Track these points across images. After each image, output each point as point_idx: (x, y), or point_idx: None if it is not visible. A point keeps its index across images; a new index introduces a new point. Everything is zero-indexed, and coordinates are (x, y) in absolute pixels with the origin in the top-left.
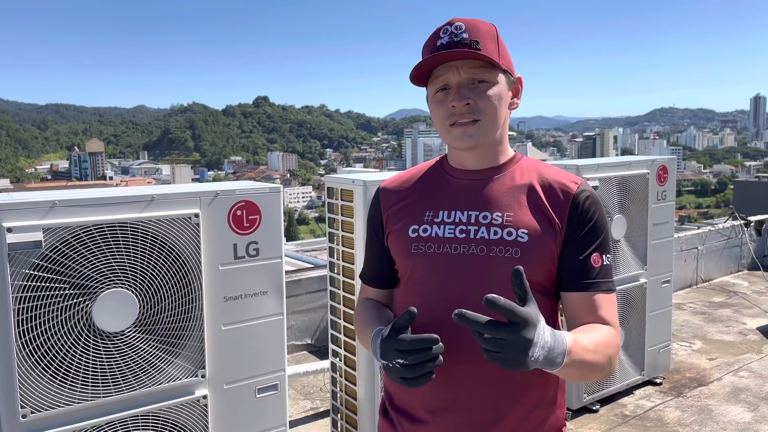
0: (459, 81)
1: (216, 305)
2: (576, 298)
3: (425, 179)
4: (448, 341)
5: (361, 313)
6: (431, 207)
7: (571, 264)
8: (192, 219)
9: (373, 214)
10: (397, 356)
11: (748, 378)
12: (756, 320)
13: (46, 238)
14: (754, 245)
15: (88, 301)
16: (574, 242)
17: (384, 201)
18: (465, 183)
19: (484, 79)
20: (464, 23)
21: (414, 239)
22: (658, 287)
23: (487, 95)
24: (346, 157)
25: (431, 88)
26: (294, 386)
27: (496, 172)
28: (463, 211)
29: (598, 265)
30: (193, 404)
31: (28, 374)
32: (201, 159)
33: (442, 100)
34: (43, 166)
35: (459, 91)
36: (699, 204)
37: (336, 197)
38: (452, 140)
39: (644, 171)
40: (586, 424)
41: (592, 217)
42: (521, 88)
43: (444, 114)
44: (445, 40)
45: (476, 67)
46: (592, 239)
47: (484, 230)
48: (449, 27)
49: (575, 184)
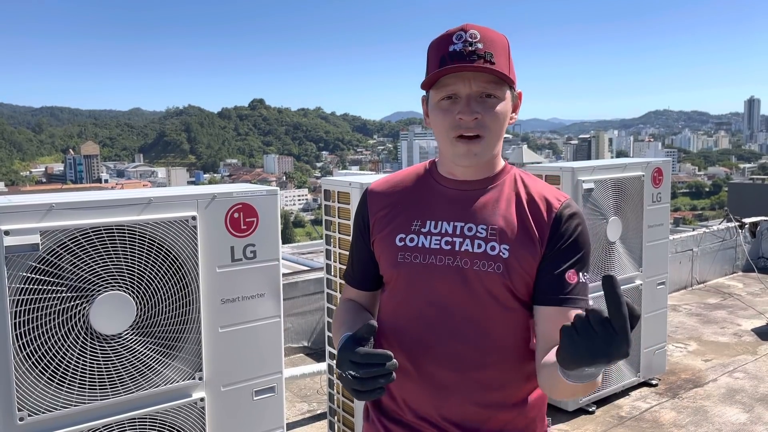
0: (469, 93)
1: (213, 308)
2: (548, 312)
3: (414, 185)
4: (432, 347)
5: (339, 315)
6: (419, 216)
7: (546, 278)
8: (189, 222)
9: (360, 216)
10: (350, 368)
11: (743, 379)
12: (751, 321)
13: (43, 241)
14: (748, 247)
15: (85, 303)
16: (552, 257)
17: (372, 204)
18: (454, 193)
19: (494, 94)
20: (479, 32)
21: (400, 248)
22: (654, 289)
23: (494, 112)
24: (342, 160)
25: (436, 94)
26: (291, 389)
27: (486, 183)
28: (449, 222)
29: (573, 282)
30: (190, 407)
31: (26, 377)
32: (197, 162)
33: (449, 109)
34: (38, 169)
35: (468, 104)
36: (694, 206)
37: (333, 199)
38: (456, 155)
39: (639, 173)
40: (582, 426)
41: (572, 234)
42: (520, 103)
43: (449, 124)
44: (458, 47)
45: (487, 81)
46: (569, 255)
47: (468, 243)
48: (463, 33)
49: (559, 201)
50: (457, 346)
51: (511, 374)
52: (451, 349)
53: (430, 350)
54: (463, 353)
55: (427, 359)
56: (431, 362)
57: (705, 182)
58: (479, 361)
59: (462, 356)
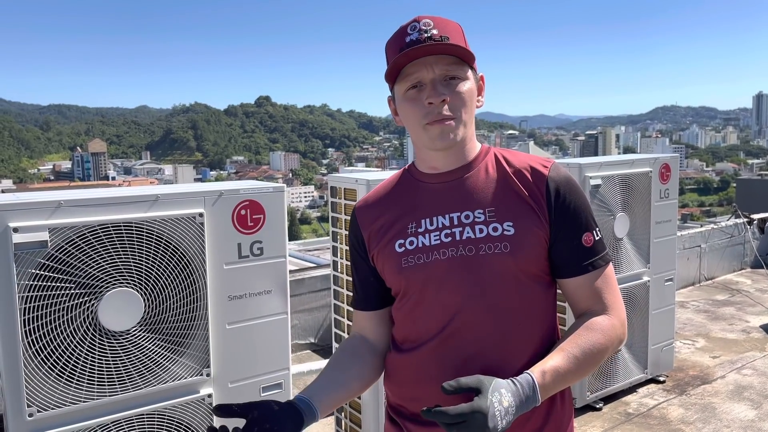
0: (433, 77)
1: (220, 304)
2: (575, 283)
3: (399, 191)
4: (454, 348)
5: (334, 355)
6: (412, 218)
7: (565, 250)
8: (196, 218)
9: (354, 236)
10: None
11: (751, 376)
12: (759, 318)
13: (52, 238)
14: (757, 243)
15: (93, 300)
16: (563, 227)
17: (362, 220)
18: (439, 186)
19: (457, 75)
20: (432, 21)
21: (402, 254)
22: (661, 285)
23: (460, 92)
24: (348, 157)
25: (401, 87)
26: (298, 385)
27: (468, 169)
28: (444, 215)
29: (590, 244)
30: (198, 403)
31: (35, 373)
32: (203, 159)
33: (416, 98)
34: (45, 167)
35: (435, 88)
36: (702, 202)
37: (339, 196)
38: (431, 140)
39: (647, 169)
40: (589, 422)
41: (572, 198)
42: (483, 85)
43: (420, 112)
44: (414, 37)
45: (449, 63)
46: (578, 220)
47: (469, 230)
48: (417, 24)
49: (545, 167)
50: (478, 338)
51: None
52: (471, 347)
53: (452, 349)
54: (485, 343)
55: (446, 359)
56: (453, 362)
57: (713, 178)
58: (502, 349)
59: (484, 352)
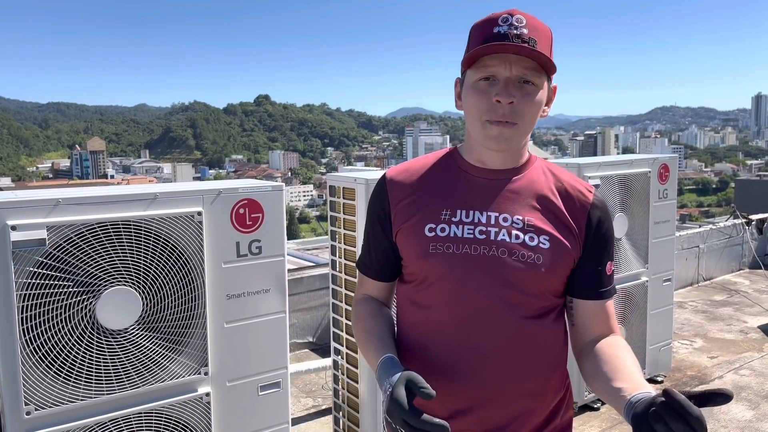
0: (508, 76)
1: (219, 303)
2: (590, 306)
3: (438, 173)
4: (471, 340)
5: (362, 318)
6: (447, 205)
7: (588, 274)
8: (195, 217)
9: (378, 205)
10: (402, 426)
11: (749, 376)
12: (757, 318)
13: (50, 236)
14: (755, 244)
15: (91, 298)
16: (594, 253)
17: (392, 192)
18: (483, 182)
19: (532, 81)
20: (525, 18)
21: (431, 239)
22: (660, 286)
23: (531, 99)
24: (347, 156)
25: (474, 74)
26: (296, 384)
27: (515, 173)
28: (482, 212)
29: (610, 273)
30: (196, 401)
31: (32, 371)
32: (202, 157)
33: (485, 91)
34: (44, 165)
35: (507, 87)
36: (700, 202)
37: (338, 195)
38: (486, 139)
39: (646, 169)
40: (587, 422)
41: (607, 228)
42: (554, 97)
43: (484, 107)
44: (503, 29)
45: (528, 67)
46: (608, 249)
47: (504, 233)
48: (509, 17)
49: (590, 192)
50: (493, 338)
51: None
52: (490, 339)
53: (470, 341)
54: (499, 344)
55: (461, 356)
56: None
57: (712, 179)
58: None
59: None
